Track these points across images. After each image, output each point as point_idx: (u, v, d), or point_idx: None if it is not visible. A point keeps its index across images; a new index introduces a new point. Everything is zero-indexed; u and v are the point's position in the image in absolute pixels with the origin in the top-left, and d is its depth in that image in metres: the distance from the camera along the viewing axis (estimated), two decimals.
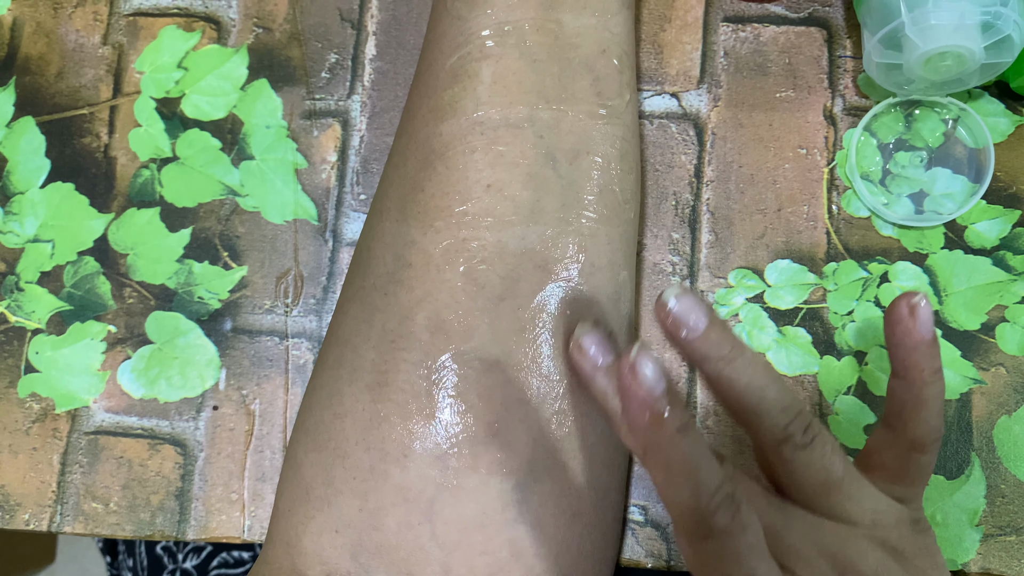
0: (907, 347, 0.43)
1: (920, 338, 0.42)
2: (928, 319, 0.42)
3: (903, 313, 0.42)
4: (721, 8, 0.57)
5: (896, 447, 0.44)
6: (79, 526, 0.54)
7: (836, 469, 0.42)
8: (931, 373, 0.43)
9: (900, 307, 0.43)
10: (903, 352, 0.43)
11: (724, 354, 0.40)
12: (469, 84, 0.46)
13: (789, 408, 0.41)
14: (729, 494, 0.37)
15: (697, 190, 0.55)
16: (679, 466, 0.37)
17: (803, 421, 0.41)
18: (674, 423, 0.37)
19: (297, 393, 0.54)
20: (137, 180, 0.57)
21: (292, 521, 0.45)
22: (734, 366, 0.40)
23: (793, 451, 0.41)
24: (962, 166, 0.54)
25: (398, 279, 0.45)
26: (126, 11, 0.59)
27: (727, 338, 0.40)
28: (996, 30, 0.48)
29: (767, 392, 0.41)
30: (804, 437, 0.41)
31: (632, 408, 0.37)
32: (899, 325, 0.43)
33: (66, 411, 0.55)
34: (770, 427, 0.41)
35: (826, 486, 0.42)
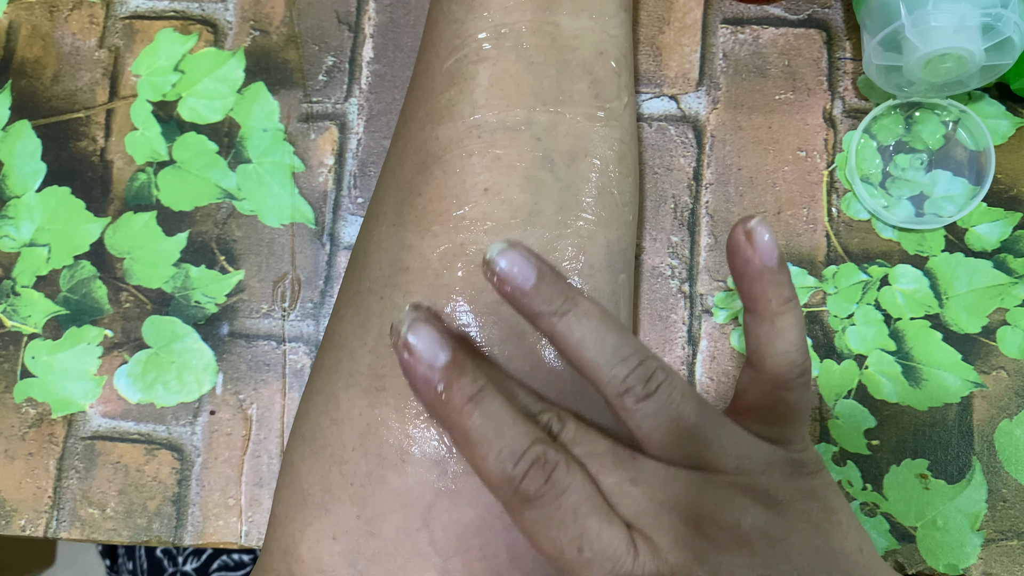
0: (750, 276, 0.40)
1: (760, 265, 0.39)
2: (768, 244, 0.39)
3: (740, 240, 0.39)
4: (720, 10, 0.56)
5: (759, 385, 0.41)
6: (75, 532, 0.54)
7: (687, 415, 0.39)
8: (780, 303, 0.40)
9: (736, 234, 0.39)
10: (747, 282, 0.40)
11: (556, 308, 0.38)
12: (466, 87, 0.46)
13: (629, 359, 0.38)
14: (538, 456, 0.36)
15: (696, 193, 0.55)
16: (477, 437, 0.36)
17: (645, 370, 0.38)
18: (464, 393, 0.36)
19: (294, 398, 0.54)
20: (133, 184, 0.56)
21: (289, 528, 0.44)
22: (566, 320, 0.38)
23: (635, 402, 0.38)
24: (962, 168, 0.54)
25: (395, 283, 0.45)
26: (122, 14, 0.58)
27: (558, 290, 0.38)
28: (996, 32, 0.47)
29: (604, 344, 0.38)
30: (647, 387, 0.38)
31: (416, 386, 0.36)
32: (737, 254, 0.40)
33: (62, 416, 0.55)
34: (609, 380, 0.38)
35: (678, 434, 0.39)
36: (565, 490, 0.36)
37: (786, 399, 0.41)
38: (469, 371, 0.36)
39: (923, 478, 0.52)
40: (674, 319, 0.54)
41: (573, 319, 0.38)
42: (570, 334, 0.38)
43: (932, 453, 0.52)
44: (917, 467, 0.52)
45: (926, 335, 0.53)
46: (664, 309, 0.54)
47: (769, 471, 0.39)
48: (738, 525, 0.38)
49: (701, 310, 0.54)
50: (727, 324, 0.53)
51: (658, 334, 0.53)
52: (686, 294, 0.54)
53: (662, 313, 0.54)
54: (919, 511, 0.51)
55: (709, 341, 0.53)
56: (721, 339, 0.53)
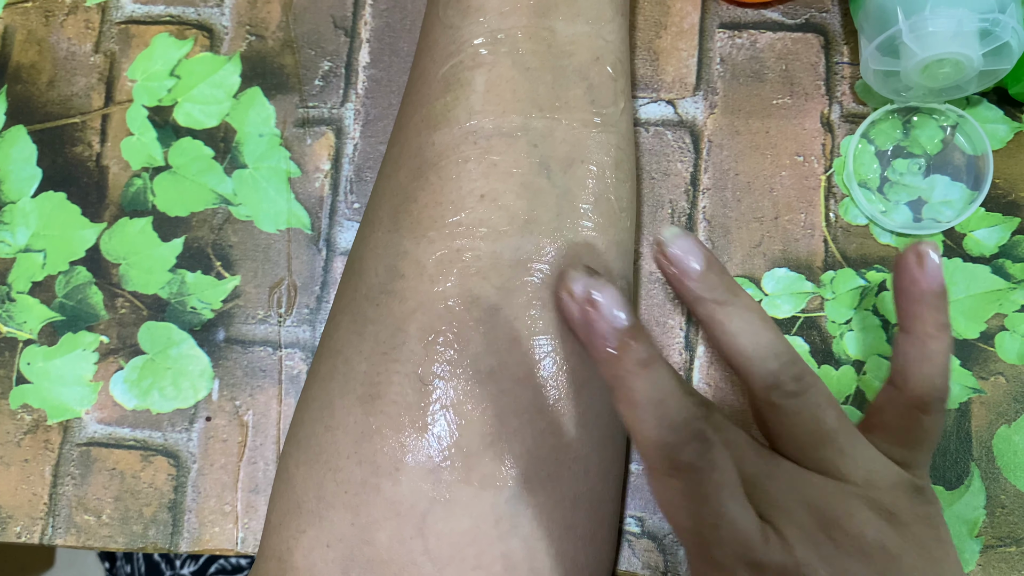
0: (912, 297, 0.42)
1: (926, 288, 0.41)
2: (936, 270, 0.41)
3: (910, 261, 0.42)
4: (717, 14, 0.56)
5: (899, 405, 0.43)
6: (71, 538, 0.53)
7: (828, 421, 0.41)
8: (936, 327, 0.42)
9: (908, 256, 0.42)
10: (908, 302, 0.42)
11: (718, 296, 0.40)
12: (462, 93, 0.46)
13: (781, 355, 0.41)
14: (698, 430, 0.37)
15: (693, 198, 0.54)
16: (644, 399, 0.37)
17: (795, 369, 0.41)
18: (637, 355, 0.37)
19: (291, 404, 0.54)
20: (129, 189, 0.56)
21: (284, 535, 0.44)
22: (727, 309, 0.40)
23: (783, 398, 0.40)
24: (960, 173, 0.54)
25: (390, 290, 0.44)
26: (118, 19, 0.58)
27: (723, 282, 0.41)
28: (994, 37, 0.47)
29: (759, 338, 0.40)
30: (795, 385, 0.40)
31: (594, 340, 0.38)
32: (905, 273, 0.42)
33: (58, 422, 0.55)
34: (760, 373, 0.40)
35: (816, 437, 0.41)
36: (715, 468, 0.37)
37: (921, 422, 0.43)
38: (644, 339, 0.37)
39: None
40: (671, 324, 0.53)
41: (733, 310, 0.41)
42: (729, 323, 0.41)
43: None
44: None
45: None
46: (661, 314, 0.54)
47: (894, 491, 0.41)
48: (862, 535, 0.39)
49: None
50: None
51: (655, 339, 0.53)
52: None
53: (659, 318, 0.53)
54: None
55: (706, 347, 0.53)
56: None
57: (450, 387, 0.42)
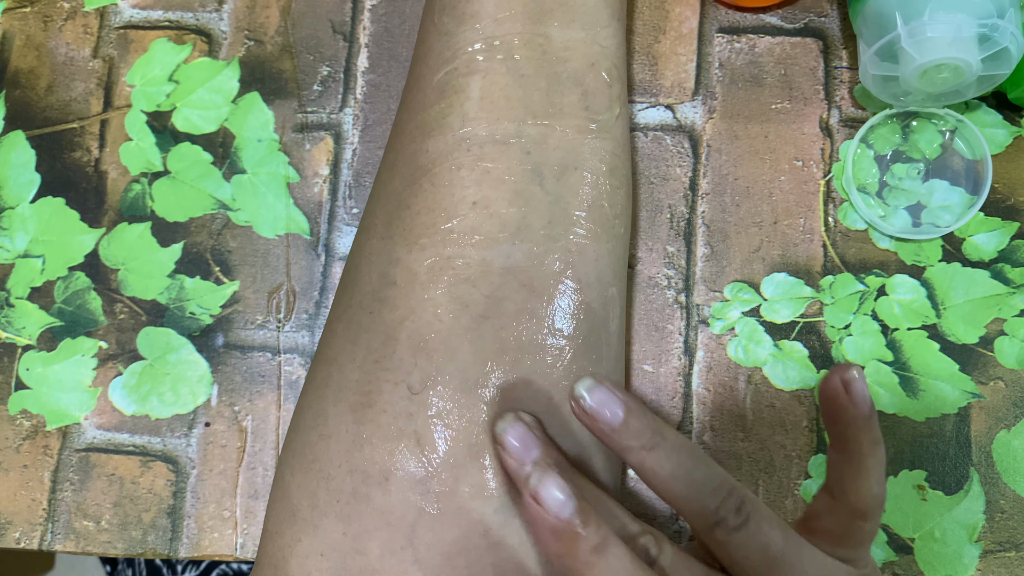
0: (843, 423, 0.41)
1: (856, 413, 0.41)
2: (863, 393, 0.41)
3: (837, 388, 0.41)
4: (716, 19, 0.56)
5: (838, 514, 0.43)
6: (70, 544, 0.53)
7: (775, 544, 0.40)
8: (869, 445, 0.41)
9: (833, 382, 0.41)
10: (839, 427, 0.41)
11: (644, 443, 0.39)
12: (456, 100, 0.46)
13: (718, 489, 0.40)
14: None
15: (692, 203, 0.54)
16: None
17: (735, 501, 0.40)
18: (588, 545, 0.37)
19: (289, 409, 0.54)
20: (128, 194, 0.56)
21: (279, 543, 0.44)
22: (655, 455, 0.39)
23: (727, 534, 0.40)
24: (960, 178, 0.54)
25: (382, 297, 0.44)
26: (117, 24, 0.58)
27: (647, 425, 0.39)
28: (993, 42, 0.47)
29: (694, 476, 0.40)
30: (737, 518, 0.40)
31: (542, 535, 0.37)
32: (833, 401, 0.41)
33: (57, 428, 0.55)
34: (700, 511, 0.40)
35: (766, 563, 0.40)
36: None
37: (863, 528, 0.42)
38: (592, 520, 0.37)
39: (921, 489, 0.51)
40: (670, 330, 0.53)
41: (663, 453, 0.39)
42: (660, 468, 0.40)
43: (930, 464, 0.52)
44: (915, 478, 0.51)
45: (923, 345, 0.52)
46: (660, 320, 0.53)
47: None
48: None
49: (697, 320, 0.53)
50: (723, 335, 0.53)
51: (654, 345, 0.53)
52: (682, 305, 0.54)
53: (658, 324, 0.53)
54: (917, 522, 0.51)
55: (705, 352, 0.53)
56: (718, 350, 0.53)
57: (439, 396, 0.42)
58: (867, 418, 0.41)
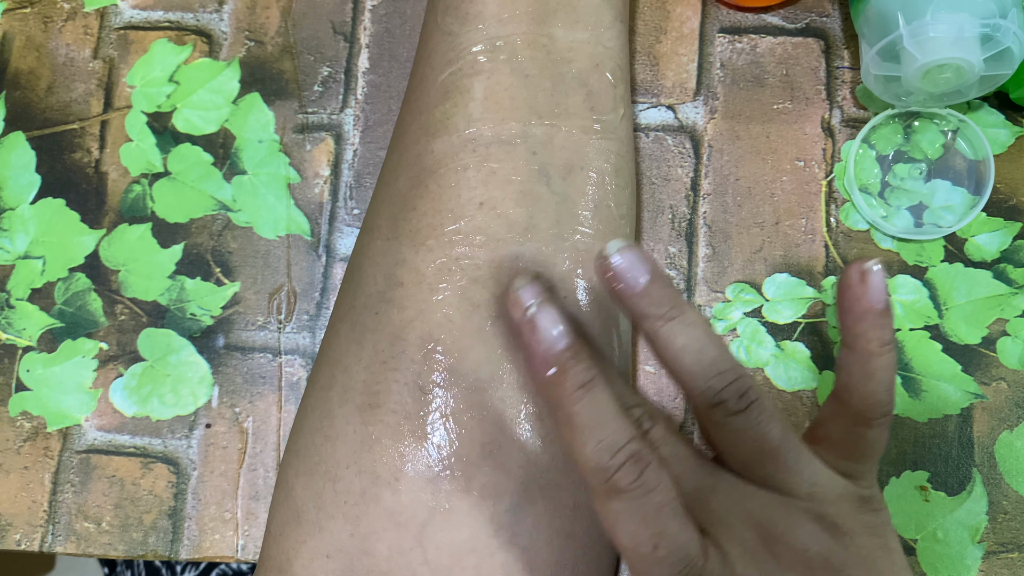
0: (855, 314, 0.41)
1: (868, 306, 0.40)
2: (880, 287, 0.40)
3: (853, 279, 0.40)
4: (717, 19, 0.56)
5: (842, 419, 0.42)
6: (71, 546, 0.53)
7: (772, 437, 0.40)
8: (879, 344, 0.41)
9: (851, 272, 0.41)
10: (851, 320, 0.41)
11: (663, 312, 0.39)
12: (461, 100, 0.46)
13: (725, 373, 0.40)
14: (635, 452, 0.36)
15: (694, 203, 0.54)
16: (581, 423, 0.37)
17: (739, 387, 0.40)
18: (576, 380, 0.36)
19: (290, 410, 0.54)
20: (128, 195, 0.56)
21: (284, 545, 0.44)
22: (671, 325, 0.39)
23: (725, 416, 0.40)
24: (962, 178, 0.54)
25: (389, 298, 0.44)
26: (117, 25, 0.58)
27: (668, 296, 0.39)
28: (995, 42, 0.47)
29: (704, 355, 0.39)
30: (739, 403, 0.39)
31: (533, 363, 0.37)
32: (848, 291, 0.41)
33: (57, 429, 0.54)
34: (703, 390, 0.39)
35: (760, 454, 0.40)
36: (653, 489, 0.37)
37: (865, 436, 0.42)
38: (584, 358, 0.37)
39: (923, 490, 0.51)
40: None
41: (678, 326, 0.39)
42: (672, 340, 0.39)
43: (932, 465, 0.52)
44: (917, 479, 0.51)
45: (926, 346, 0.52)
46: None
47: (839, 503, 0.41)
48: (805, 549, 0.39)
49: None
50: (725, 335, 0.53)
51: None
52: None
53: None
54: (919, 523, 0.51)
55: None
56: None
57: (449, 396, 0.42)
58: (880, 314, 0.41)
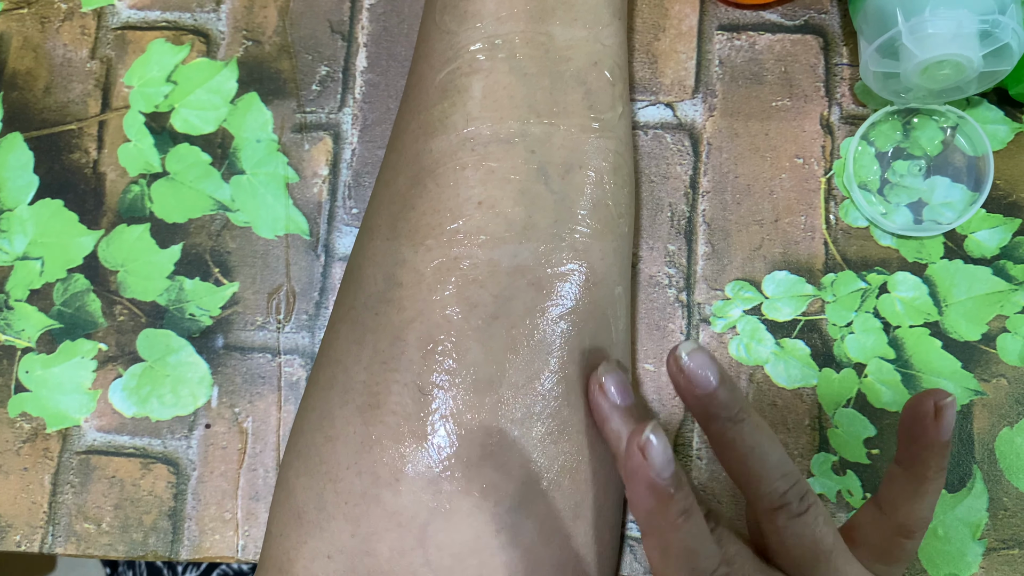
0: (921, 444, 0.42)
1: (936, 439, 0.41)
2: (950, 423, 0.41)
3: (928, 411, 0.41)
4: (716, 16, 0.56)
5: (884, 529, 0.44)
6: (71, 547, 0.53)
7: (827, 541, 0.41)
8: (936, 471, 0.42)
9: (927, 404, 0.41)
10: (917, 447, 0.42)
11: (732, 415, 0.40)
12: (459, 99, 0.46)
13: (789, 475, 0.41)
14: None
15: (693, 201, 0.54)
16: (678, 550, 0.38)
17: (800, 489, 0.41)
18: (678, 507, 0.37)
19: (290, 410, 0.54)
20: (127, 196, 0.56)
21: (285, 546, 0.44)
22: (740, 427, 0.40)
23: (788, 519, 0.41)
24: (961, 174, 0.54)
25: (389, 298, 0.44)
26: (114, 25, 0.58)
27: (736, 399, 0.40)
28: (994, 38, 0.47)
29: (769, 457, 0.41)
30: (800, 505, 0.41)
31: (638, 489, 0.38)
32: (920, 422, 0.42)
33: (57, 430, 0.54)
34: (768, 493, 0.41)
35: (815, 557, 0.41)
36: None
37: (904, 545, 0.43)
38: (684, 484, 0.38)
39: None
40: (671, 328, 0.53)
41: (747, 428, 0.40)
42: (742, 442, 0.41)
43: None
44: None
45: (925, 343, 0.52)
46: (661, 318, 0.53)
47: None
48: None
49: (699, 319, 0.53)
50: (725, 333, 0.53)
51: (655, 343, 0.53)
52: (683, 303, 0.53)
53: (659, 322, 0.53)
54: None
55: None
56: (719, 348, 0.53)
57: (450, 397, 0.42)
58: (944, 446, 0.42)
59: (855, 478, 0.51)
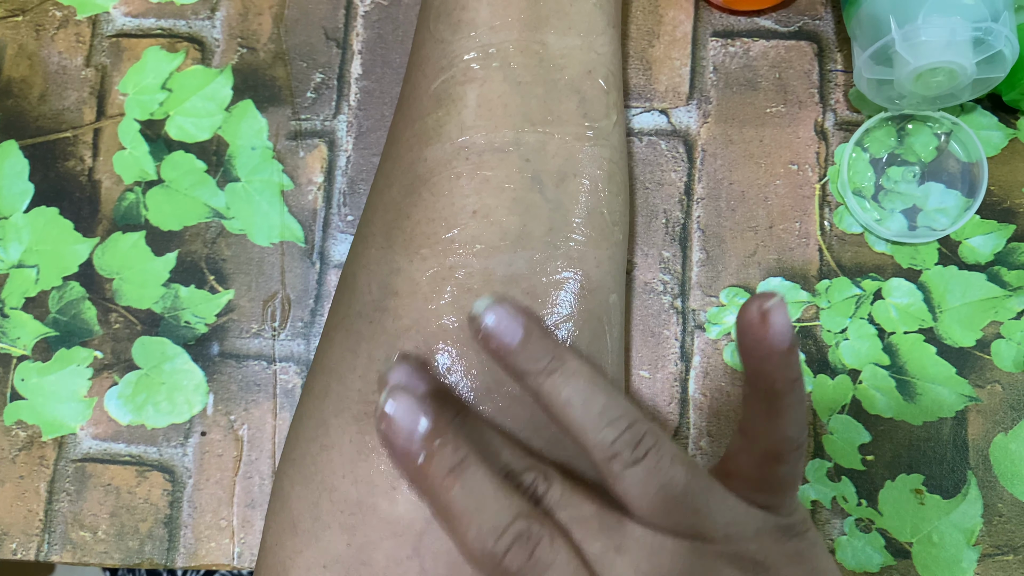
0: (758, 357, 0.37)
1: (771, 347, 0.37)
2: (783, 326, 0.36)
3: (753, 319, 0.37)
4: (710, 23, 0.56)
5: (751, 455, 0.40)
6: (67, 555, 0.53)
7: (677, 482, 0.37)
8: (786, 383, 0.38)
9: (750, 311, 0.37)
10: (754, 362, 0.38)
11: (542, 367, 0.37)
12: (453, 108, 0.46)
13: (616, 421, 0.37)
14: (521, 531, 0.35)
15: (687, 208, 0.54)
16: (458, 511, 0.35)
17: (634, 434, 0.37)
18: (443, 465, 0.35)
19: (285, 418, 0.54)
20: (122, 203, 0.56)
21: (280, 556, 0.44)
22: (552, 380, 0.37)
23: (623, 468, 0.37)
24: (955, 180, 0.54)
25: (384, 307, 0.44)
26: (109, 32, 0.58)
27: (545, 348, 0.37)
28: (987, 45, 0.47)
29: (591, 405, 0.37)
30: (635, 452, 0.37)
31: (396, 459, 0.36)
32: (749, 331, 0.37)
33: (53, 438, 0.54)
34: (596, 443, 0.37)
35: (665, 501, 0.37)
36: (549, 566, 0.35)
37: (777, 472, 0.39)
38: (450, 439, 0.35)
39: (918, 493, 0.51)
40: (667, 335, 0.53)
41: (560, 378, 0.37)
42: (556, 395, 0.37)
43: (927, 468, 0.52)
44: (912, 482, 0.52)
45: (920, 349, 0.52)
46: (656, 325, 0.53)
47: (758, 538, 0.39)
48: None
49: (694, 326, 0.53)
50: (720, 339, 0.53)
51: (651, 350, 0.53)
52: (678, 310, 0.53)
53: (655, 329, 0.53)
54: (914, 526, 0.51)
55: (702, 357, 0.53)
56: (714, 355, 0.53)
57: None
58: (784, 354, 0.37)
59: (850, 484, 0.52)
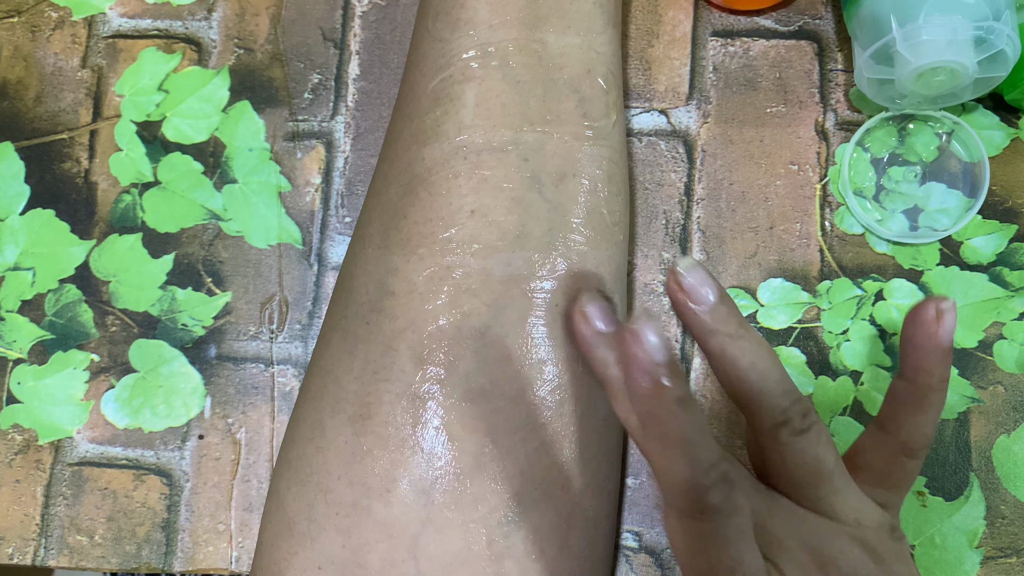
0: (924, 351, 0.41)
1: (938, 344, 0.41)
2: (952, 327, 0.41)
3: (930, 315, 0.41)
4: (710, 22, 0.56)
5: (886, 449, 0.43)
6: (64, 559, 0.53)
7: (828, 460, 0.41)
8: (939, 380, 0.42)
9: (928, 309, 0.41)
10: (919, 354, 0.42)
11: (731, 331, 0.40)
12: (451, 107, 0.45)
13: (790, 392, 0.40)
14: (725, 472, 0.36)
15: (687, 208, 0.54)
16: (677, 438, 0.36)
17: (804, 406, 0.41)
18: (675, 393, 0.36)
19: (283, 421, 0.53)
20: (118, 205, 0.56)
21: (275, 557, 0.44)
22: (739, 344, 0.40)
23: (790, 436, 0.40)
24: (957, 180, 0.53)
25: (380, 308, 0.44)
26: (105, 33, 0.58)
27: (734, 315, 0.40)
28: (989, 45, 0.47)
29: (770, 374, 0.40)
30: (803, 422, 0.40)
31: (634, 374, 0.36)
32: (922, 327, 0.41)
33: (49, 442, 0.54)
34: (770, 409, 0.40)
35: (816, 476, 0.41)
36: (737, 511, 0.36)
37: (906, 466, 0.43)
38: (681, 375, 0.36)
39: (920, 495, 0.51)
40: (667, 337, 0.53)
41: (746, 343, 0.40)
42: (741, 357, 0.40)
43: (929, 470, 0.51)
44: (914, 484, 0.51)
45: None
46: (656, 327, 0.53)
47: (879, 531, 0.42)
48: (855, 573, 0.40)
49: None
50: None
51: None
52: None
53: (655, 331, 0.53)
54: (917, 529, 0.51)
55: (702, 359, 0.53)
56: None
57: (441, 407, 0.42)
58: (946, 352, 0.41)
59: None
